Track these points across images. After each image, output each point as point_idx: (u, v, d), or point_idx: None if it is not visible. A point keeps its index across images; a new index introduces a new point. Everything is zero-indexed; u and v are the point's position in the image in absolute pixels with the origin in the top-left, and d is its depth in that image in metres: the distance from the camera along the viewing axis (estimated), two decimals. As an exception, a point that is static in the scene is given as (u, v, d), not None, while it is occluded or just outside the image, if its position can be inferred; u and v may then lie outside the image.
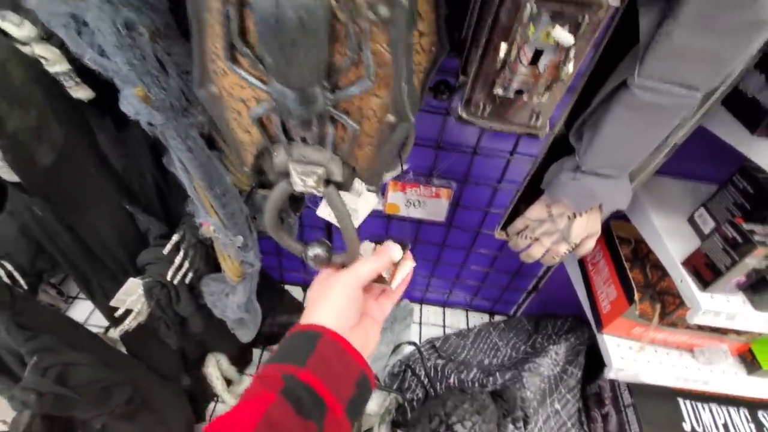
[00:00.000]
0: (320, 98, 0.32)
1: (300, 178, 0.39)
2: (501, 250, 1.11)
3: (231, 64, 0.32)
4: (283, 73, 0.30)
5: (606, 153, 0.51)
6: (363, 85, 0.32)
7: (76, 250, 0.63)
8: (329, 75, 0.32)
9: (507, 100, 0.44)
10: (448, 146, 0.87)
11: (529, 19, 0.36)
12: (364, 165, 0.40)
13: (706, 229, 0.74)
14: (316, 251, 0.44)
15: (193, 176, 0.51)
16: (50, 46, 0.53)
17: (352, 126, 0.35)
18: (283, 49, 0.28)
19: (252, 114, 0.35)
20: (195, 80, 0.34)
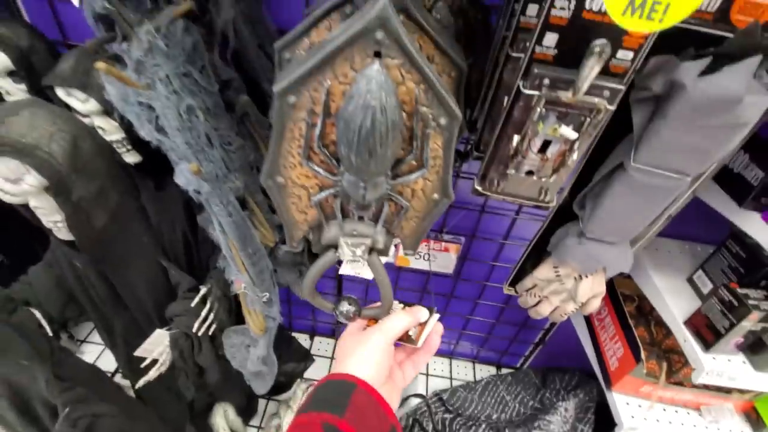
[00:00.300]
0: (384, 185, 0.38)
1: (350, 249, 0.43)
2: (507, 303, 1.14)
3: (306, 161, 0.38)
4: (359, 168, 0.35)
5: (608, 223, 0.56)
6: (420, 174, 0.38)
7: (108, 301, 0.66)
8: (393, 166, 0.38)
9: (518, 178, 0.50)
10: (458, 204, 0.93)
11: (538, 118, 0.42)
12: (408, 234, 0.45)
13: (705, 290, 0.77)
14: (346, 307, 0.48)
15: (229, 237, 0.55)
16: (109, 119, 0.60)
17: (405, 204, 0.41)
18: (367, 152, 0.34)
19: (314, 199, 0.41)
20: (264, 173, 0.39)
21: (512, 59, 0.50)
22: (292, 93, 0.35)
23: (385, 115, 0.32)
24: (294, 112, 0.36)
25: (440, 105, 0.35)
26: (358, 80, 0.32)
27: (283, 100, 0.35)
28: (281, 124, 0.36)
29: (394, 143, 0.35)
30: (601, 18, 0.37)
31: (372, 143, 0.33)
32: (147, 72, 0.44)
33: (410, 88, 0.34)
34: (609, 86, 0.39)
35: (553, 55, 0.40)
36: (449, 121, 0.36)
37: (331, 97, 0.35)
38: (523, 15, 0.48)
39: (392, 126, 0.33)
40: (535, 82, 0.40)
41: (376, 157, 0.35)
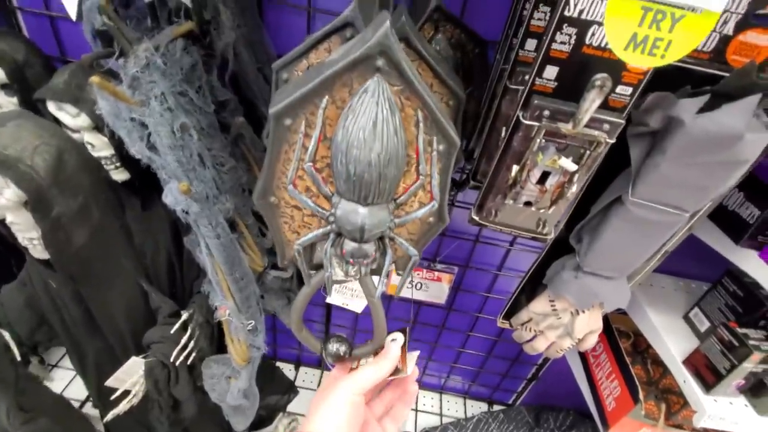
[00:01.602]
0: (387, 218, 0.37)
1: (343, 269, 0.41)
2: (500, 336, 1.11)
3: (293, 189, 0.37)
4: (362, 185, 0.34)
5: (605, 257, 0.55)
6: (430, 207, 0.38)
7: (82, 324, 0.62)
8: (395, 201, 0.37)
9: (516, 209, 0.49)
10: (452, 233, 0.92)
11: (538, 149, 0.42)
12: (401, 255, 0.43)
13: (702, 328, 0.76)
14: (335, 347, 0.45)
15: (216, 260, 0.53)
16: (99, 135, 0.58)
17: (412, 251, 0.40)
18: (369, 162, 0.32)
19: (299, 243, 0.39)
20: (257, 193, 0.38)
21: (510, 91, 0.50)
22: (289, 115, 0.34)
23: (389, 125, 0.32)
24: (289, 135, 0.35)
25: (439, 131, 0.35)
26: (358, 91, 0.32)
27: (278, 122, 0.34)
28: (277, 147, 0.35)
29: (399, 158, 0.34)
30: (600, 53, 0.37)
31: (374, 150, 0.32)
32: (142, 89, 0.43)
33: (409, 115, 0.34)
34: (609, 120, 0.39)
35: (553, 88, 0.40)
36: (447, 147, 0.35)
37: (327, 120, 0.34)
38: (522, 49, 0.48)
39: (395, 135, 0.32)
40: (535, 113, 0.40)
41: (379, 170, 0.33)
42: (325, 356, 0.46)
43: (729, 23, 0.40)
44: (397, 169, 0.34)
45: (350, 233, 0.37)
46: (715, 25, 0.41)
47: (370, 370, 0.44)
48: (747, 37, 0.41)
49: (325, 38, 0.39)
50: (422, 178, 0.35)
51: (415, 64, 0.45)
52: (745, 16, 0.40)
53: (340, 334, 0.47)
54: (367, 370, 0.44)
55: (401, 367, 0.48)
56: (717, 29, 0.41)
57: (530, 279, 0.70)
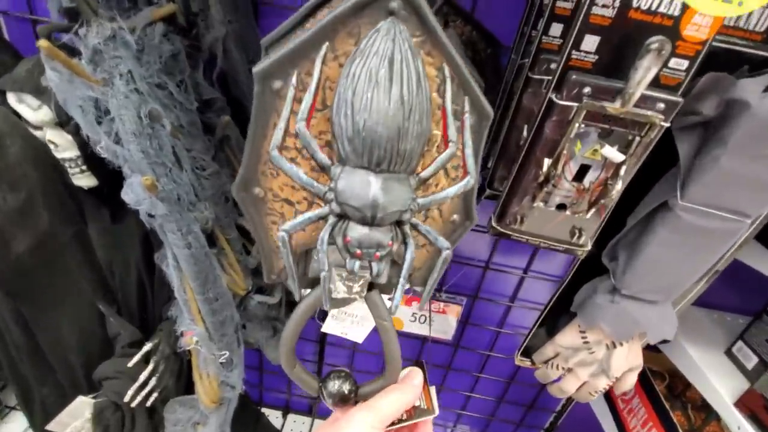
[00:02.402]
0: (407, 195, 0.28)
1: (345, 285, 0.33)
2: (513, 378, 0.99)
3: (278, 154, 0.28)
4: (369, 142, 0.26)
5: (648, 277, 0.47)
6: (464, 184, 0.29)
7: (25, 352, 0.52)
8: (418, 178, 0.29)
9: (547, 214, 0.41)
10: (458, 259, 0.83)
11: (576, 136, 0.35)
12: (418, 265, 0.35)
13: (749, 363, 0.66)
14: (337, 386, 0.35)
15: (185, 275, 0.44)
16: (63, 132, 0.51)
17: (423, 227, 0.31)
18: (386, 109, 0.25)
19: (286, 227, 0.30)
20: (239, 183, 0.30)
21: (533, 82, 0.44)
22: (278, 76, 0.27)
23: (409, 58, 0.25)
24: (279, 102, 0.27)
25: (468, 96, 0.28)
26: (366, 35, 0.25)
27: (265, 85, 0.27)
28: (263, 118, 0.28)
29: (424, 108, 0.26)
30: (651, 18, 0.31)
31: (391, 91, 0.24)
32: (105, 64, 0.36)
33: (431, 76, 0.27)
34: (664, 98, 0.33)
35: (593, 62, 0.33)
36: (478, 119, 0.28)
37: (327, 82, 0.27)
38: (546, 35, 0.43)
39: (416, 73, 0.25)
40: (573, 92, 0.33)
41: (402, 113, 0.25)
42: (325, 398, 0.36)
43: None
44: (421, 127, 0.26)
45: (358, 211, 0.27)
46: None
47: (394, 397, 0.35)
48: (809, 13, 0.35)
49: (325, 3, 0.33)
50: (452, 145, 0.28)
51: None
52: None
53: (342, 368, 0.37)
54: (390, 397, 0.35)
55: (427, 405, 0.39)
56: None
57: (552, 308, 0.61)
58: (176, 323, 0.48)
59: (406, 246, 0.29)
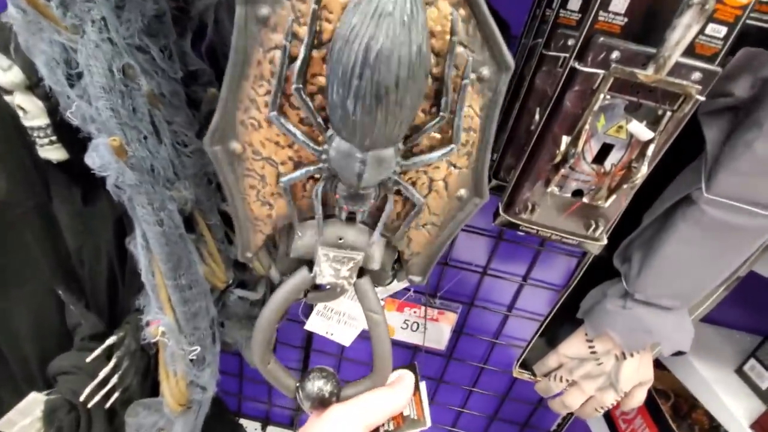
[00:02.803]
0: (392, 163, 0.25)
1: (332, 267, 0.28)
2: (507, 394, 0.94)
3: (277, 116, 0.24)
4: (364, 126, 0.23)
5: (666, 279, 0.43)
6: (447, 151, 0.26)
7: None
8: (406, 137, 0.26)
9: (561, 201, 0.37)
10: (455, 262, 0.79)
11: (600, 109, 0.31)
12: (417, 249, 0.30)
13: (763, 383, 0.62)
14: (317, 386, 0.30)
15: (155, 257, 0.39)
16: (33, 97, 0.47)
17: (419, 200, 0.27)
18: (374, 94, 0.21)
19: (286, 180, 0.27)
20: (212, 133, 0.26)
21: (548, 60, 0.41)
22: (266, 1, 0.23)
23: (409, 33, 0.21)
24: (265, 34, 0.23)
25: (485, 45, 0.24)
26: None
27: (249, 12, 0.23)
28: (243, 53, 0.24)
29: (416, 88, 0.22)
30: (688, -25, 0.28)
31: (384, 77, 0.21)
32: (76, 8, 0.32)
33: (444, 13, 0.23)
34: (701, 66, 0.29)
35: (621, 26, 0.30)
36: (496, 71, 0.24)
37: (325, 12, 0.23)
38: (564, 9, 0.40)
39: (417, 55, 0.21)
40: (600, 56, 0.30)
41: (388, 104, 0.22)
42: (302, 399, 0.31)
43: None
44: (413, 111, 0.24)
45: (345, 180, 0.25)
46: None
47: (381, 396, 0.31)
48: None
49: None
50: (442, 115, 0.24)
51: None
52: None
53: (325, 366, 0.33)
54: (376, 395, 0.31)
55: (418, 416, 0.34)
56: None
57: (554, 317, 0.56)
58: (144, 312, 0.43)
59: (386, 201, 0.28)
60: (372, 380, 0.32)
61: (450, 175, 0.27)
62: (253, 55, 0.24)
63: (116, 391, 0.47)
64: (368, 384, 0.32)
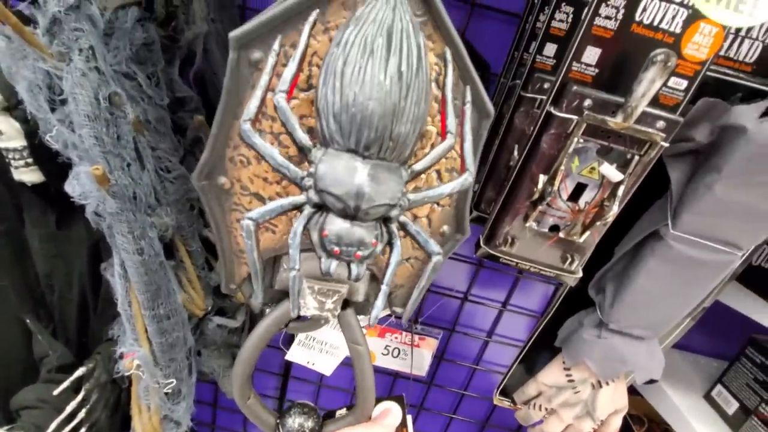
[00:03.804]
0: (398, 186, 0.24)
1: (316, 299, 0.28)
2: (488, 421, 0.93)
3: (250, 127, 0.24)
4: (359, 123, 0.22)
5: (637, 310, 0.45)
6: (463, 180, 0.25)
7: None
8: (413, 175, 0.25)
9: (539, 235, 0.39)
10: (437, 289, 0.79)
11: (574, 152, 0.33)
12: (400, 282, 0.31)
13: (730, 409, 0.64)
14: (298, 423, 0.30)
15: (132, 286, 0.38)
16: (10, 119, 0.46)
17: (415, 230, 0.27)
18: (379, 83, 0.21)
19: (261, 211, 0.26)
20: (201, 169, 0.26)
21: (526, 101, 0.43)
22: (258, 46, 0.24)
23: (409, 32, 0.22)
24: (257, 76, 0.24)
25: (469, 88, 0.25)
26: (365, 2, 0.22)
27: (242, 55, 0.24)
28: (236, 94, 0.25)
29: (424, 91, 0.23)
30: (653, 34, 0.30)
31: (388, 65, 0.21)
32: (63, 36, 0.32)
33: (431, 63, 0.25)
34: (664, 116, 0.32)
35: (593, 76, 0.32)
36: (478, 117, 0.26)
37: (315, 59, 0.24)
38: (540, 54, 0.42)
39: (418, 50, 0.22)
40: (574, 103, 0.32)
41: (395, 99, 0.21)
42: None
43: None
44: (419, 110, 0.23)
45: (339, 201, 0.23)
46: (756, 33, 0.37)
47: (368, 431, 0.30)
48: (794, 49, 0.36)
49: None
50: (450, 137, 0.25)
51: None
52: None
53: (306, 402, 0.32)
54: (362, 431, 0.31)
55: None
56: (759, 37, 0.36)
57: (532, 345, 0.58)
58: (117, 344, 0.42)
59: (392, 247, 0.26)
60: (354, 415, 0.32)
61: (433, 212, 0.28)
62: (244, 96, 0.25)
63: (83, 427, 0.44)
64: (350, 420, 0.32)
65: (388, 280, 0.26)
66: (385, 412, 0.33)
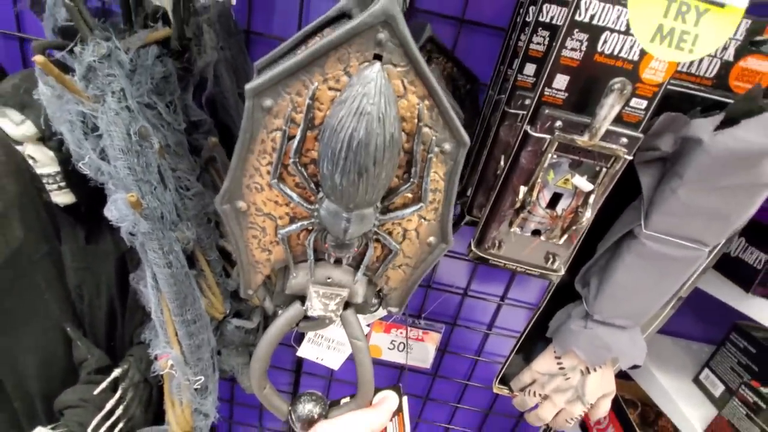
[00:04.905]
0: (371, 219, 0.31)
1: (321, 302, 0.33)
2: (491, 408, 0.98)
3: (277, 182, 0.30)
4: (344, 193, 0.28)
5: (617, 302, 0.49)
6: (416, 209, 0.31)
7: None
8: (383, 196, 0.31)
9: (523, 239, 0.43)
10: (439, 285, 0.84)
11: (549, 166, 0.37)
12: (394, 285, 0.36)
13: (716, 391, 0.69)
14: (308, 409, 0.34)
15: (163, 296, 0.43)
16: (44, 148, 0.51)
17: (395, 247, 0.33)
18: (357, 171, 0.27)
19: (284, 232, 0.32)
20: (222, 195, 0.31)
21: (509, 116, 0.47)
22: (269, 95, 0.28)
23: (383, 126, 0.26)
24: (269, 119, 0.29)
25: (446, 127, 0.30)
26: (353, 82, 0.27)
27: (256, 103, 0.28)
28: (250, 133, 0.29)
29: (390, 165, 0.28)
30: (614, 62, 0.35)
31: (364, 160, 0.27)
32: (98, 81, 0.37)
33: (412, 103, 0.29)
34: (626, 133, 0.36)
35: (563, 99, 0.37)
36: (455, 146, 0.30)
37: (317, 104, 0.29)
38: (521, 73, 0.47)
39: (390, 141, 0.27)
40: (546, 125, 0.36)
41: (368, 178, 0.27)
42: (294, 421, 0.35)
43: (729, 49, 0.40)
44: (389, 176, 0.29)
45: (332, 235, 0.31)
46: (715, 51, 0.41)
47: (360, 415, 0.34)
48: (748, 63, 0.40)
49: (317, 31, 0.35)
50: (412, 181, 0.30)
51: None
52: (744, 42, 0.39)
53: (314, 391, 0.37)
54: (363, 413, 0.35)
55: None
56: (717, 55, 0.40)
57: (528, 335, 0.62)
58: (150, 347, 0.47)
59: (367, 249, 0.33)
60: (356, 402, 0.37)
61: (421, 225, 0.33)
62: (257, 135, 0.29)
63: (121, 422, 0.50)
64: (353, 405, 0.36)
65: (363, 268, 0.34)
66: (383, 398, 0.37)
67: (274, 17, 0.67)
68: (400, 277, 0.35)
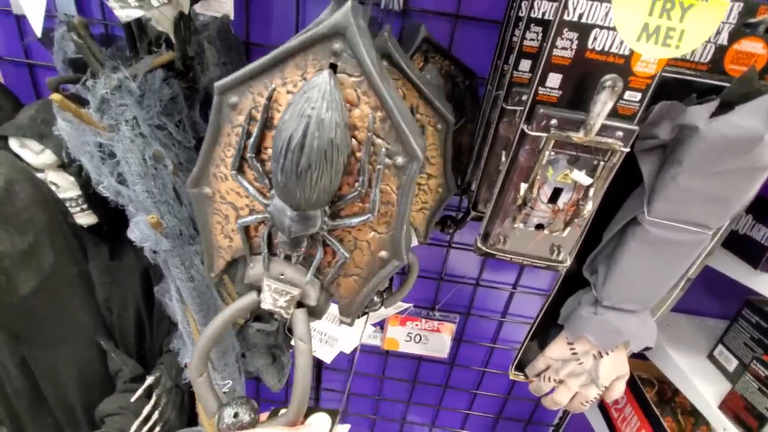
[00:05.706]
0: (318, 222, 0.32)
1: (272, 296, 0.35)
2: (510, 393, 1.00)
3: (236, 174, 0.32)
4: (289, 193, 0.30)
5: (625, 287, 0.50)
6: (364, 219, 0.32)
7: (26, 396, 0.52)
8: (333, 202, 0.32)
9: (527, 233, 0.44)
10: (450, 277, 0.86)
11: (548, 163, 0.38)
12: (345, 294, 0.37)
13: (730, 367, 0.69)
14: (232, 414, 0.31)
15: (188, 308, 0.46)
16: (65, 174, 0.53)
17: (343, 254, 0.34)
18: (295, 171, 0.28)
19: (241, 222, 0.35)
20: (191, 179, 0.34)
21: (508, 112, 0.48)
22: (235, 93, 0.31)
23: (321, 130, 0.27)
24: (233, 114, 0.32)
25: (398, 140, 0.30)
26: (303, 88, 0.28)
27: (222, 99, 0.31)
28: (217, 126, 0.32)
29: (331, 169, 0.29)
30: (605, 58, 0.35)
31: (300, 160, 0.28)
32: (111, 112, 0.39)
33: (365, 113, 0.30)
34: (621, 126, 0.37)
35: (557, 97, 0.37)
36: (408, 161, 0.30)
37: (275, 104, 0.31)
38: (516, 70, 0.47)
39: (329, 145, 0.28)
40: (542, 123, 0.37)
41: (306, 179, 0.29)
42: (218, 425, 0.32)
43: (722, 33, 0.40)
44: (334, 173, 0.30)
45: (280, 229, 0.33)
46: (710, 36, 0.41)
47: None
48: (742, 46, 0.40)
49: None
50: (359, 190, 0.31)
51: (399, 83, 0.43)
52: (737, 25, 0.39)
53: (247, 397, 0.34)
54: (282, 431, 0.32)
55: None
56: (712, 39, 0.41)
57: (542, 322, 0.63)
58: (179, 355, 0.49)
59: (316, 253, 0.35)
60: (286, 416, 0.33)
61: (372, 237, 0.34)
62: (223, 129, 0.32)
63: (157, 426, 0.53)
64: (281, 420, 0.33)
65: (312, 270, 0.35)
66: (311, 424, 0.33)
67: (271, 27, 0.69)
68: (351, 287, 0.36)
